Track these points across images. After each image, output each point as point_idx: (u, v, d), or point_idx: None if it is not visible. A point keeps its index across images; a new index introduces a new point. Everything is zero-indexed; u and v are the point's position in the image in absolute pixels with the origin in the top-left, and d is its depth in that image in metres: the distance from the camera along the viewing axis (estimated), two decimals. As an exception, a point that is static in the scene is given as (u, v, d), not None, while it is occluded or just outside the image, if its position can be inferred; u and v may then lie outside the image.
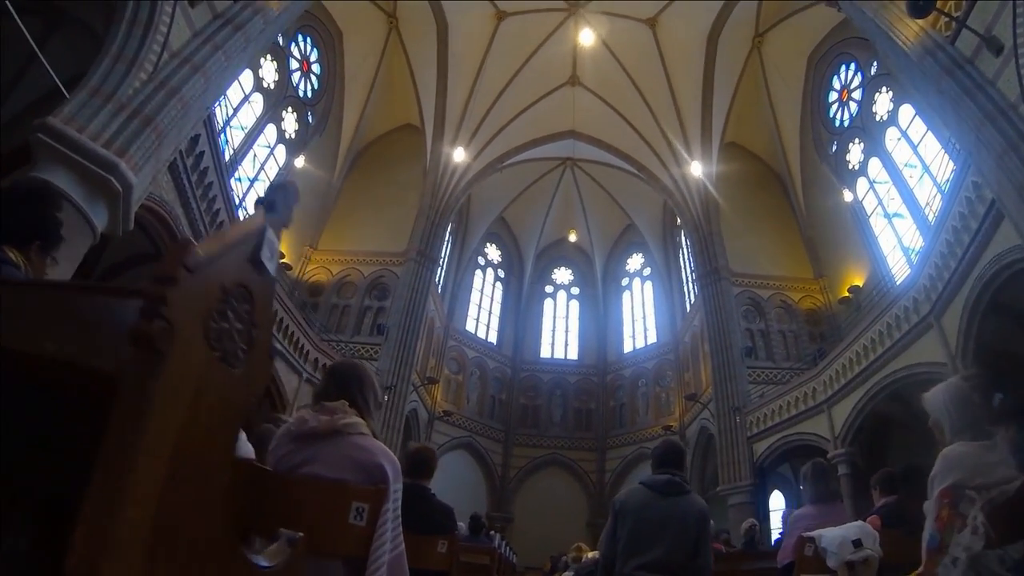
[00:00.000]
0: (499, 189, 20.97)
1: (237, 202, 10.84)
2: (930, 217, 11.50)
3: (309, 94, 16.62)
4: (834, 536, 3.00)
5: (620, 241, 23.18)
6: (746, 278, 16.47)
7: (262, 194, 2.23)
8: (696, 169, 17.11)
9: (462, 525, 7.99)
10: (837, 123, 15.91)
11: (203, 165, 8.24)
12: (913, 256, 12.71)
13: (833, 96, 16.11)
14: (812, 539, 3.07)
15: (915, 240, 12.80)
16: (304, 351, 11.82)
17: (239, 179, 14.13)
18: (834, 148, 15.93)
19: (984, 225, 7.74)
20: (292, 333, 11.35)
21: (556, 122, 19.19)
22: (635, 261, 23.01)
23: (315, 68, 16.73)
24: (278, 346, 10.87)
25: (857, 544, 2.97)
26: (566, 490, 19.33)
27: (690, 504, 3.01)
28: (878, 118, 14.16)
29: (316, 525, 1.34)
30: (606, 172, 20.78)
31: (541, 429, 20.18)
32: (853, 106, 15.29)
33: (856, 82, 15.23)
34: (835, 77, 15.95)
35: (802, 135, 16.97)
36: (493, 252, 22.98)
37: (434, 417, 17.60)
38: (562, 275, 23.93)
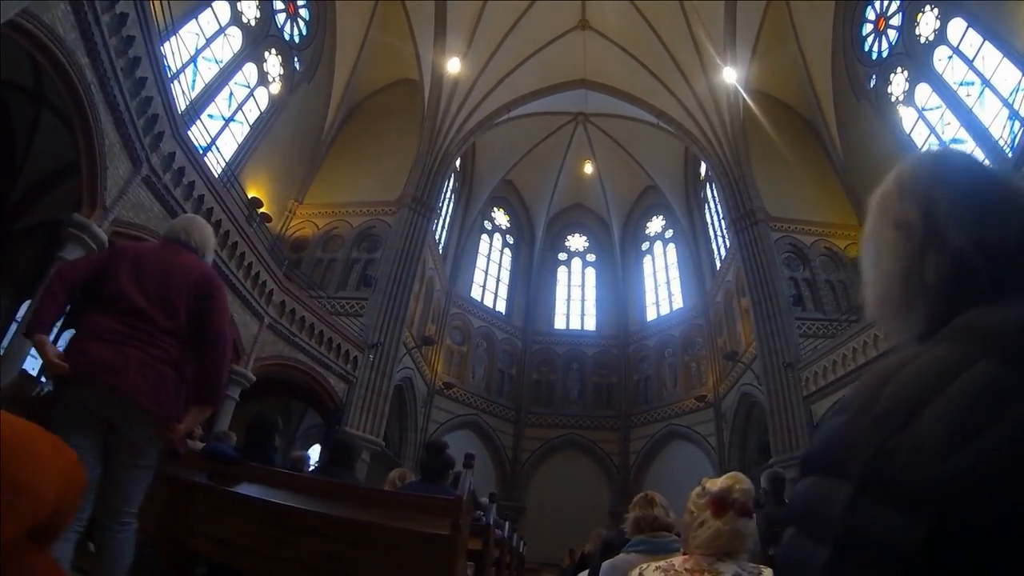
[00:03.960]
0: (505, 147, 19.42)
1: (172, 73, 8.99)
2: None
3: (296, 39, 15.38)
4: None
5: (639, 203, 21.33)
6: (784, 223, 14.70)
7: None
8: (727, 80, 15.37)
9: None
10: (874, 55, 14.63)
11: (119, 9, 6.45)
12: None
13: (868, 28, 14.88)
14: None
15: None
16: (267, 291, 9.92)
17: (211, 116, 12.85)
18: (873, 82, 14.62)
19: None
20: (251, 265, 9.47)
21: (565, 70, 17.72)
22: (656, 223, 21.15)
23: (303, 13, 15.53)
24: (235, 283, 8.97)
25: None
26: (585, 475, 17.17)
27: None
28: (923, 40, 12.97)
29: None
30: (621, 126, 19.12)
31: (556, 407, 18.10)
32: (892, 33, 14.11)
33: (894, 7, 14.04)
34: (868, 7, 14.76)
35: (834, 74, 15.56)
36: (501, 217, 21.29)
37: (434, 390, 15.56)
38: (576, 241, 22.10)
